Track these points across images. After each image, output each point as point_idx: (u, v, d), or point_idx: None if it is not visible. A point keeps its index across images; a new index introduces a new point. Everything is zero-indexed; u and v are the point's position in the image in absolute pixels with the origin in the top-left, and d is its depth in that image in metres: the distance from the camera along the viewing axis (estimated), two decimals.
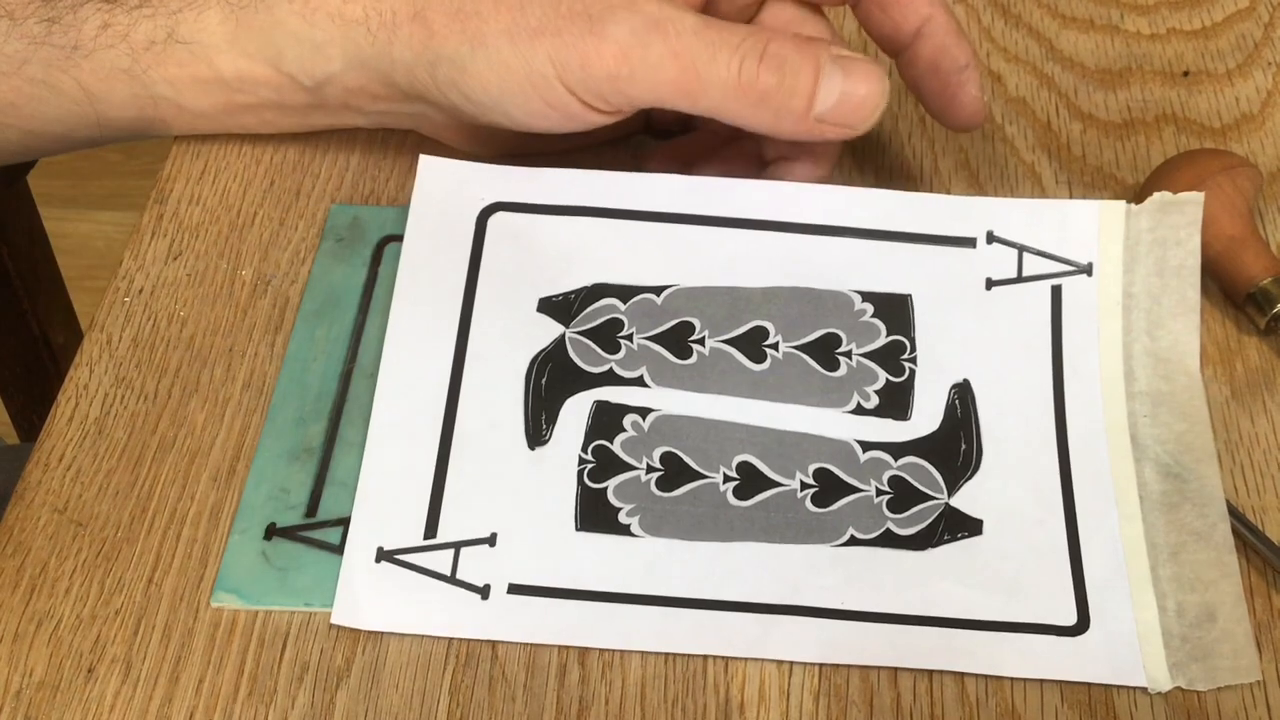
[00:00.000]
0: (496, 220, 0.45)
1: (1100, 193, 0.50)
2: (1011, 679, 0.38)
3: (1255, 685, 0.38)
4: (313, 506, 0.41)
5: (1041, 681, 0.38)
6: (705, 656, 0.39)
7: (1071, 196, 0.49)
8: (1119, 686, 0.38)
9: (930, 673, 0.38)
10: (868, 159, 0.51)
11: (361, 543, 0.40)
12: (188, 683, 0.38)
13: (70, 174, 1.48)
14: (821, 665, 0.39)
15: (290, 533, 0.41)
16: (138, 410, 0.43)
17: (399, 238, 0.46)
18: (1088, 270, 0.44)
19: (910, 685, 0.38)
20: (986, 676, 0.38)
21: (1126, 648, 0.39)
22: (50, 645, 0.38)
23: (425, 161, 0.46)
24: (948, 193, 0.50)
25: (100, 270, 0.55)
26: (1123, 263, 0.44)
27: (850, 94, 0.42)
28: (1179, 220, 0.44)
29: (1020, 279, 0.44)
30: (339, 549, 0.40)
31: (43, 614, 0.39)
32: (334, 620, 0.39)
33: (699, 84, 0.41)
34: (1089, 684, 0.38)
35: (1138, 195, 0.45)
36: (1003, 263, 0.45)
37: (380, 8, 0.44)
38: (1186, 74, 0.54)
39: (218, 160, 0.50)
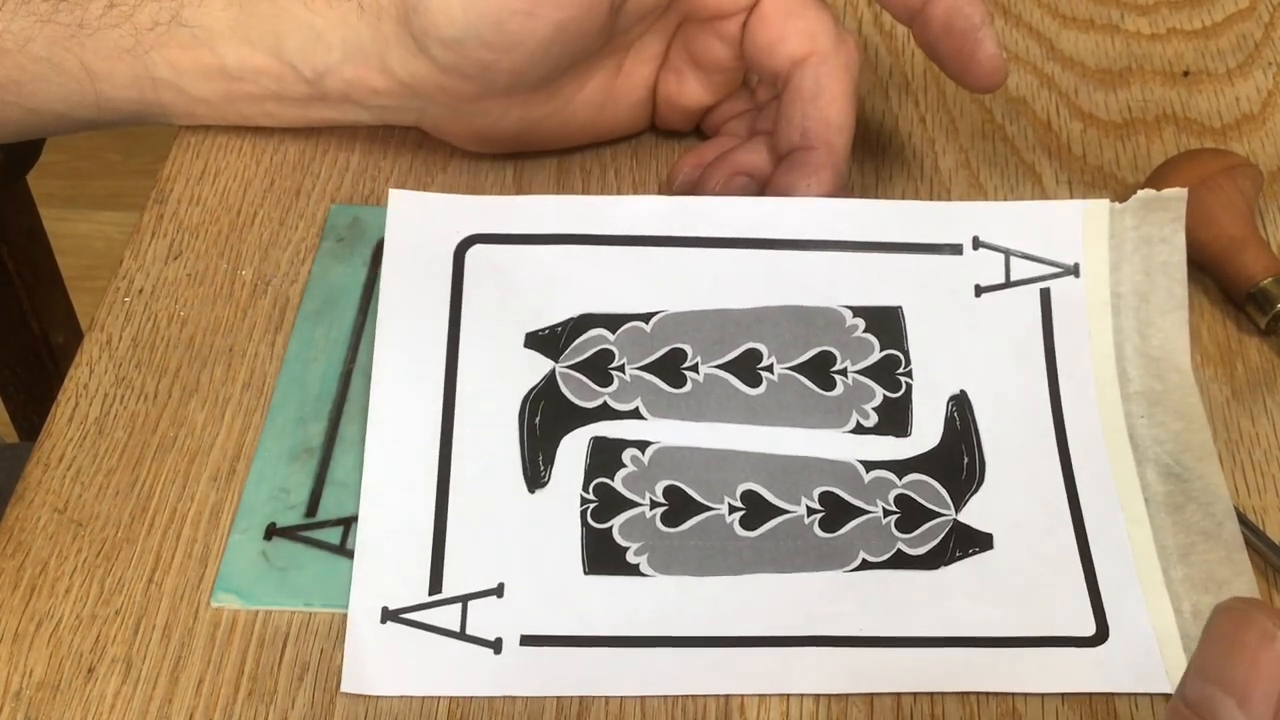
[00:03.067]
0: (475, 253, 0.44)
1: (1101, 192, 0.50)
2: None
3: None
4: (313, 506, 0.41)
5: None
6: None
7: (1072, 196, 0.49)
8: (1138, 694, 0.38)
9: None
10: (867, 159, 0.51)
11: (365, 603, 0.38)
12: (188, 683, 0.38)
13: (70, 174, 1.48)
14: None
15: (290, 533, 0.40)
16: (138, 410, 0.43)
17: None
18: (1074, 271, 0.44)
19: None
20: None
21: (1147, 654, 0.38)
22: (50, 645, 0.38)
23: (395, 196, 0.44)
24: (948, 192, 0.49)
25: (100, 270, 0.55)
26: (1109, 262, 0.44)
27: None
28: (1163, 217, 0.44)
29: (1009, 284, 0.44)
30: (339, 549, 0.40)
31: (43, 614, 0.39)
32: (344, 689, 0.37)
33: None
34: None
35: None
36: (990, 268, 0.44)
37: None
38: (1187, 74, 0.54)
39: (218, 160, 0.50)
